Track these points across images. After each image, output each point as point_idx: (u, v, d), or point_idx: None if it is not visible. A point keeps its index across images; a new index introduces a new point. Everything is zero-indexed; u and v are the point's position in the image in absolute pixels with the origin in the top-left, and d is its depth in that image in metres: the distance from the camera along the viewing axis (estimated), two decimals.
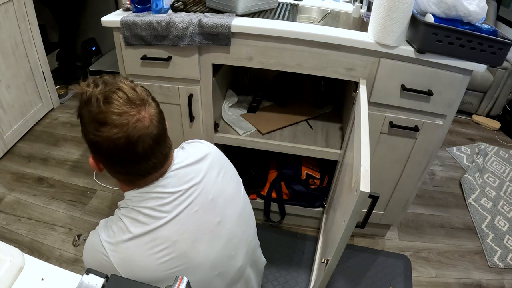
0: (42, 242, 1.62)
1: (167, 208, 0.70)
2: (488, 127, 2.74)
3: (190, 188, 0.74)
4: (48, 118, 2.48)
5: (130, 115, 0.64)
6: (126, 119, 0.63)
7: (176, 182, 0.73)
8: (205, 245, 0.75)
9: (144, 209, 0.69)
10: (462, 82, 1.15)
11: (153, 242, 0.68)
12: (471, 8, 1.00)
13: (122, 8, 1.29)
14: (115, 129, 0.63)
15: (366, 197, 0.75)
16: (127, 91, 0.65)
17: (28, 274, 0.63)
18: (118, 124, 0.63)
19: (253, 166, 1.68)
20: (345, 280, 1.54)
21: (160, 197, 0.71)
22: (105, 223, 0.72)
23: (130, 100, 0.65)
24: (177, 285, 0.51)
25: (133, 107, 0.64)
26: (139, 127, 0.64)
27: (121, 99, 0.64)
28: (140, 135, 0.64)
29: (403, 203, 1.51)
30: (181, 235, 0.71)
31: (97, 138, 0.64)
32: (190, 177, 0.75)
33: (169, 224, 0.70)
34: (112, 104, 0.63)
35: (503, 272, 1.64)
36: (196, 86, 1.32)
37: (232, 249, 0.81)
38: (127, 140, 0.63)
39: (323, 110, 1.72)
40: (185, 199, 0.72)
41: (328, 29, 1.17)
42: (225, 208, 0.80)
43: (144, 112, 0.65)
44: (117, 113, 0.63)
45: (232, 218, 0.81)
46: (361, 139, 0.90)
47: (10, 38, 2.03)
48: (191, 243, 0.72)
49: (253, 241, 0.93)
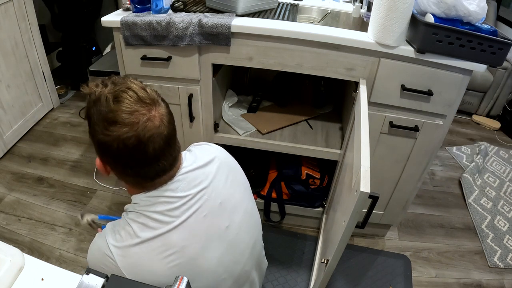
0: (42, 242, 1.62)
1: (176, 213, 0.69)
2: (488, 127, 2.74)
3: (199, 192, 0.73)
4: (48, 118, 2.48)
5: (141, 113, 0.62)
6: (136, 117, 0.62)
7: (185, 186, 0.71)
8: (213, 251, 0.74)
9: (153, 213, 0.68)
10: (462, 82, 1.15)
11: (162, 247, 0.67)
12: (471, 8, 1.00)
13: (122, 8, 1.29)
14: (125, 128, 0.61)
15: (366, 197, 0.75)
16: (137, 90, 0.64)
17: (28, 274, 0.63)
18: (128, 122, 0.61)
19: (253, 166, 1.68)
20: (345, 280, 1.54)
21: (169, 201, 0.69)
22: (112, 227, 0.71)
23: (141, 99, 0.63)
24: (177, 285, 0.51)
25: (143, 106, 0.63)
26: (150, 126, 0.63)
27: (131, 98, 0.63)
28: (150, 135, 0.63)
29: (403, 203, 1.51)
30: (189, 240, 0.70)
31: (106, 138, 0.63)
32: (199, 181, 0.74)
33: (178, 229, 0.69)
34: (122, 102, 0.62)
35: (503, 272, 1.64)
36: (196, 86, 1.32)
37: (240, 253, 0.81)
38: (138, 140, 0.62)
39: (323, 110, 1.72)
40: (194, 204, 0.71)
41: (328, 29, 1.17)
42: (234, 213, 0.79)
43: (154, 112, 0.64)
44: (127, 112, 0.62)
45: (240, 223, 0.80)
46: (361, 139, 0.90)
47: (10, 38, 2.03)
48: (199, 249, 0.72)
49: (259, 244, 0.92)
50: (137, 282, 0.53)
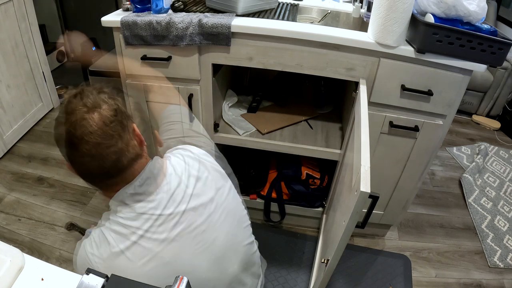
0: (42, 242, 1.62)
1: (145, 217, 0.72)
2: (488, 127, 2.74)
3: (171, 196, 0.74)
4: (48, 118, 2.48)
5: (81, 112, 0.65)
6: (75, 116, 0.65)
7: (153, 189, 0.73)
8: (190, 256, 0.76)
9: (122, 219, 0.72)
10: (462, 82, 1.15)
11: (136, 255, 0.70)
12: (471, 8, 1.00)
13: (122, 8, 1.29)
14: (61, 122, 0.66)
15: (366, 197, 0.75)
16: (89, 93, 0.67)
17: (28, 274, 0.62)
18: (67, 119, 0.65)
19: (253, 166, 1.68)
20: (345, 280, 1.54)
21: (136, 207, 0.72)
22: (89, 234, 0.75)
23: (85, 105, 0.66)
24: (177, 285, 0.51)
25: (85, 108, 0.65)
26: (83, 125, 0.64)
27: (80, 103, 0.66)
28: (82, 132, 0.64)
29: (403, 203, 1.51)
30: (163, 246, 0.72)
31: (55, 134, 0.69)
32: (168, 185, 0.75)
33: (149, 236, 0.71)
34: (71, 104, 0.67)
35: (503, 272, 1.64)
36: (196, 86, 1.32)
37: (220, 256, 0.81)
38: (69, 135, 0.65)
39: (323, 110, 1.72)
40: (163, 208, 0.73)
41: (328, 29, 1.17)
42: (209, 216, 0.78)
43: (93, 114, 0.65)
44: (68, 111, 0.66)
45: (218, 225, 0.80)
46: (361, 139, 0.90)
47: (10, 38, 2.03)
48: (175, 254, 0.74)
49: (245, 239, 0.90)
50: (137, 282, 0.53)
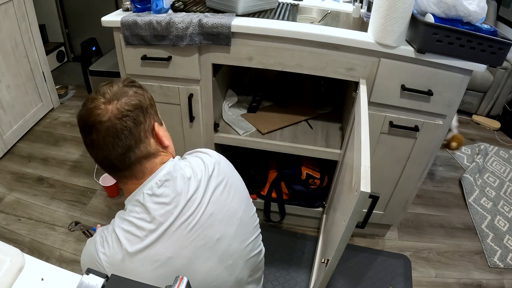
0: (42, 242, 1.62)
1: (160, 219, 0.69)
2: (488, 127, 2.74)
3: (188, 201, 0.71)
4: (48, 118, 2.48)
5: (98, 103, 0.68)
6: (93, 104, 0.68)
7: (170, 192, 0.70)
8: (202, 262, 0.73)
9: (135, 219, 0.69)
10: (462, 82, 1.15)
11: (148, 259, 0.68)
12: (471, 8, 1.00)
13: (122, 8, 1.29)
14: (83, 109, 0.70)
15: (366, 197, 0.75)
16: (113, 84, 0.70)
17: (28, 274, 0.63)
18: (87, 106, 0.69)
19: (253, 166, 1.68)
20: (345, 280, 1.54)
21: (154, 206, 0.69)
22: (101, 231, 0.72)
23: (104, 94, 0.69)
24: (177, 285, 0.51)
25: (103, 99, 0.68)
26: (97, 114, 0.67)
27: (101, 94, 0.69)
28: (94, 120, 0.67)
29: (403, 203, 1.51)
30: (176, 252, 0.70)
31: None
32: (186, 190, 0.72)
33: (163, 240, 0.69)
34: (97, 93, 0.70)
35: (503, 272, 1.64)
36: (196, 86, 1.32)
37: (231, 263, 0.79)
38: (84, 123, 0.68)
39: (323, 110, 1.72)
40: (179, 212, 0.70)
41: (328, 29, 1.17)
42: (227, 224, 0.76)
43: (110, 105, 0.67)
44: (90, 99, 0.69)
45: (234, 234, 0.78)
46: (361, 139, 0.90)
47: (10, 38, 2.03)
48: (186, 260, 0.71)
49: (255, 253, 0.88)
50: (137, 282, 0.53)
